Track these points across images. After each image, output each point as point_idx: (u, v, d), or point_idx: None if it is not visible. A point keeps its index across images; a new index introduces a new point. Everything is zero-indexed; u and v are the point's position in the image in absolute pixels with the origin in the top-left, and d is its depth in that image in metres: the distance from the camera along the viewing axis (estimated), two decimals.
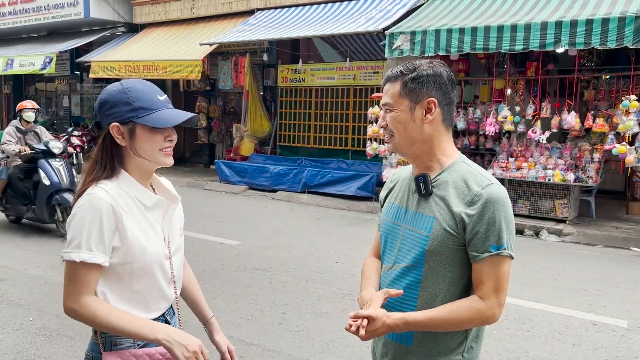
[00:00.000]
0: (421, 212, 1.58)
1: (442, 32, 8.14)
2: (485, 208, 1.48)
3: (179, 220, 1.76)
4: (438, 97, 1.56)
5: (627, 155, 7.25)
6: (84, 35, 15.51)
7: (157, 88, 1.62)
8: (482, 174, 1.55)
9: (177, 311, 1.78)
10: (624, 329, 4.29)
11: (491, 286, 1.50)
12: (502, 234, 1.49)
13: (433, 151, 1.59)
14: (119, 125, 1.55)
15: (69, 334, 4.00)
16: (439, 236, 1.53)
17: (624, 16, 6.85)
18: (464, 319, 1.50)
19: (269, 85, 13.13)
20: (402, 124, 1.58)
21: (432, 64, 1.59)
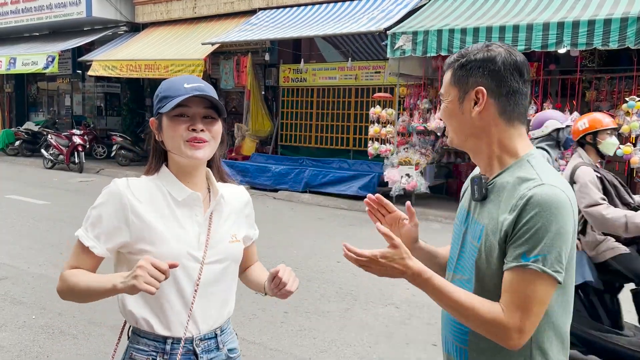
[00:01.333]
0: (476, 218, 1.37)
1: (444, 32, 8.15)
2: (524, 210, 1.22)
3: (234, 227, 1.60)
4: (489, 86, 1.32)
5: (632, 156, 7.26)
6: (86, 34, 15.54)
7: (192, 77, 1.51)
8: (540, 175, 1.27)
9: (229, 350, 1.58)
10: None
11: (515, 301, 1.22)
12: (540, 244, 1.20)
13: (491, 148, 1.36)
14: (154, 120, 1.53)
15: (72, 332, 4.02)
16: (487, 248, 1.30)
17: (626, 17, 6.86)
18: (480, 316, 1.24)
19: (271, 85, 13.15)
20: (451, 116, 1.39)
21: (489, 46, 1.35)
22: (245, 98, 12.45)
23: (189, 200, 1.52)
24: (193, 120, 1.47)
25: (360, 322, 4.33)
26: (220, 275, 1.54)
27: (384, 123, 9.74)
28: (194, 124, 1.46)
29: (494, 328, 1.24)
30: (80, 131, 14.28)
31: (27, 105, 19.92)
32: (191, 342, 1.50)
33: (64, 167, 14.03)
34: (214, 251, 1.52)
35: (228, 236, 1.57)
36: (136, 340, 1.51)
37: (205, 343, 1.53)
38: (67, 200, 9.80)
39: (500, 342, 1.25)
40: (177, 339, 1.48)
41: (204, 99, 1.46)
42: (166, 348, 1.48)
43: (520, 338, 1.23)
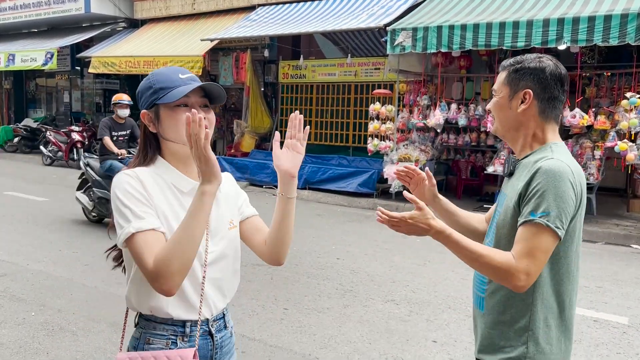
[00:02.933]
0: (503, 190, 1.72)
1: (444, 29, 8.13)
2: (534, 177, 1.53)
3: (228, 213, 1.63)
4: (536, 90, 1.62)
5: (628, 152, 7.25)
6: (84, 30, 15.50)
7: (183, 69, 1.56)
8: (554, 154, 1.58)
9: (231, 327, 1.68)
10: (625, 326, 4.30)
11: (523, 249, 1.50)
12: (544, 203, 1.49)
13: (527, 139, 1.67)
14: (147, 112, 1.53)
15: (72, 329, 4.01)
16: (505, 211, 1.62)
17: (626, 13, 6.84)
18: (494, 262, 1.50)
19: (270, 82, 13.13)
20: (500, 109, 1.69)
21: (541, 58, 1.65)
22: (245, 94, 12.42)
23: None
24: (193, 109, 1.47)
25: (360, 319, 4.33)
26: (223, 259, 1.59)
27: (383, 119, 9.72)
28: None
29: (505, 271, 1.49)
30: (79, 128, 14.26)
31: (25, 102, 19.88)
32: (207, 323, 1.57)
33: (62, 163, 14.01)
34: (215, 239, 1.56)
35: (226, 223, 1.61)
36: (152, 326, 1.53)
37: (217, 323, 1.61)
38: (66, 196, 9.77)
39: (510, 283, 1.50)
40: (194, 321, 1.53)
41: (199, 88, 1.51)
42: (186, 331, 1.53)
43: (527, 280, 1.49)
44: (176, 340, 1.51)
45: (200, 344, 1.55)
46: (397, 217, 1.56)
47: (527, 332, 1.58)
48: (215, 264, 1.56)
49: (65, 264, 5.60)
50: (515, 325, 1.60)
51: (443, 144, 10.05)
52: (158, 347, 1.51)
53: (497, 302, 1.63)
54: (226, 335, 1.64)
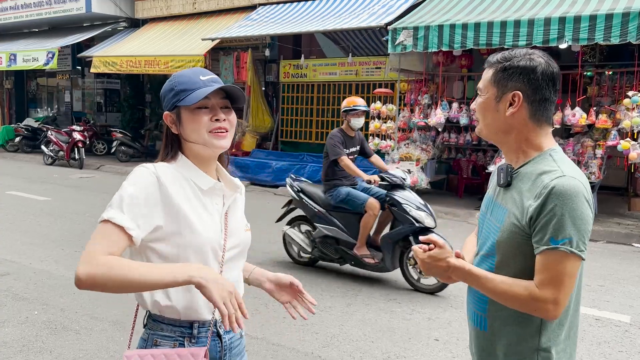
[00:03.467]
0: (500, 202, 1.57)
1: (445, 28, 8.13)
2: (548, 200, 1.40)
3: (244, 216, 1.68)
4: (526, 92, 1.49)
5: (630, 151, 7.25)
6: (85, 30, 15.51)
7: (204, 70, 1.55)
8: (560, 167, 1.46)
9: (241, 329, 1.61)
10: (627, 324, 4.31)
11: (547, 278, 1.41)
12: (565, 228, 1.38)
13: (518, 143, 1.54)
14: (169, 114, 1.54)
15: (75, 328, 4.02)
16: (508, 228, 1.49)
17: (627, 12, 6.84)
18: (517, 294, 1.43)
19: (271, 81, 13.13)
20: (485, 111, 1.57)
21: (531, 55, 1.51)
22: (246, 94, 12.37)
23: (213, 190, 1.56)
24: (214, 111, 1.52)
25: (363, 318, 4.33)
26: (236, 261, 1.61)
27: (384, 119, 9.72)
28: (216, 115, 1.51)
29: (532, 304, 1.42)
30: (80, 127, 14.27)
31: (27, 102, 19.90)
32: (215, 325, 1.56)
33: (64, 163, 14.03)
34: (232, 239, 1.57)
35: (243, 225, 1.64)
36: (159, 327, 1.53)
37: None
38: (68, 196, 9.80)
39: (540, 315, 1.44)
40: (202, 322, 1.53)
41: (220, 89, 1.51)
42: (193, 332, 1.52)
43: (556, 309, 1.42)
44: (183, 342, 1.51)
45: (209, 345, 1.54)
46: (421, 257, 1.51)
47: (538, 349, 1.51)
48: (230, 263, 1.57)
49: (67, 263, 5.61)
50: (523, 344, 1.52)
51: (444, 143, 10.05)
52: (166, 346, 1.51)
53: (502, 321, 1.55)
54: (235, 337, 1.63)
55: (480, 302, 1.59)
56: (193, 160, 1.56)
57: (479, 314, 1.61)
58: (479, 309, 1.61)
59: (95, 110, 17.62)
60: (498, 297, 1.47)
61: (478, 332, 1.63)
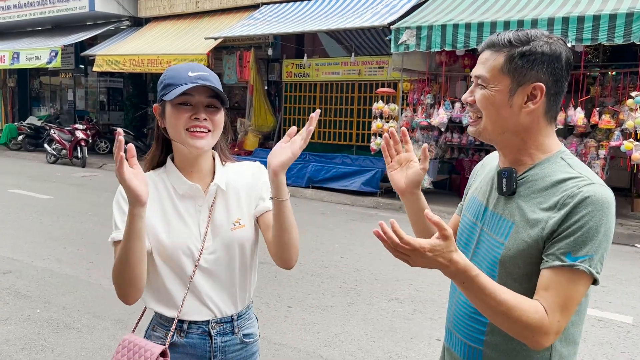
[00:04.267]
0: (500, 214, 1.30)
1: (448, 27, 8.12)
2: (576, 209, 1.17)
3: (239, 211, 1.58)
4: (548, 84, 1.24)
5: (633, 152, 7.23)
6: (88, 29, 15.53)
7: (197, 65, 1.51)
8: (583, 173, 1.23)
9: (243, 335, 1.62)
10: (630, 325, 4.29)
11: (557, 301, 1.17)
12: (588, 243, 1.16)
13: (526, 144, 1.29)
14: (157, 106, 1.54)
15: (77, 326, 4.03)
16: (515, 246, 1.24)
17: (631, 12, 6.82)
18: (527, 319, 1.15)
19: (274, 80, 13.13)
20: (495, 106, 1.26)
21: (551, 39, 1.25)
22: (248, 93, 12.43)
23: (190, 193, 1.55)
24: (196, 109, 1.48)
25: (364, 317, 4.33)
26: (224, 260, 1.56)
27: (387, 118, 9.71)
28: (196, 113, 1.47)
29: (536, 330, 1.16)
30: (83, 126, 14.30)
31: (30, 100, 19.94)
32: (207, 324, 1.56)
33: (66, 161, 14.05)
34: (216, 240, 1.55)
35: (229, 223, 1.56)
36: (159, 315, 1.60)
37: (221, 326, 1.58)
38: (70, 194, 9.82)
39: (535, 343, 1.18)
40: (191, 321, 1.56)
41: (208, 87, 1.47)
42: (183, 327, 1.56)
43: (554, 338, 1.18)
44: (174, 334, 1.56)
45: (197, 342, 1.56)
46: (412, 245, 1.10)
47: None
48: (216, 265, 1.55)
49: (69, 262, 5.62)
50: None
51: (447, 142, 10.03)
52: (158, 335, 1.58)
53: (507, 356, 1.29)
54: (232, 341, 1.59)
55: (476, 332, 1.33)
56: (180, 158, 1.56)
57: (473, 347, 1.34)
58: (473, 340, 1.34)
59: (98, 109, 17.64)
60: (498, 314, 1.17)
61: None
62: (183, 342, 1.55)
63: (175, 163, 1.57)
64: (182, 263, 1.51)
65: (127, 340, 1.54)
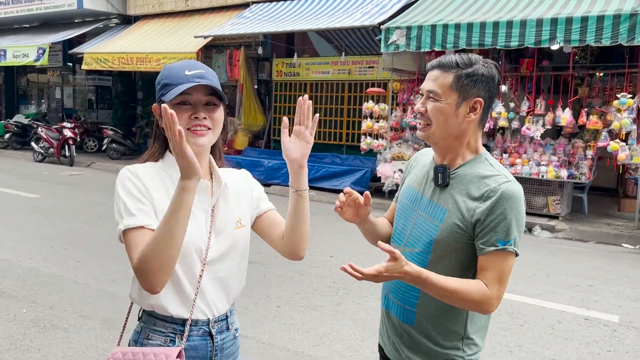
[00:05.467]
0: (435, 201, 1.61)
1: (437, 28, 8.14)
2: (497, 203, 1.50)
3: (238, 212, 1.60)
4: (485, 99, 1.56)
5: (619, 152, 7.31)
6: (77, 26, 15.39)
7: (194, 63, 1.51)
8: (501, 172, 1.57)
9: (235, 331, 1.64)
10: (616, 324, 4.33)
11: (495, 276, 1.51)
12: (511, 230, 1.50)
13: (462, 146, 1.61)
14: (156, 106, 1.50)
15: (63, 326, 3.99)
16: (448, 228, 1.56)
17: (619, 14, 6.88)
18: (472, 297, 1.49)
19: (264, 79, 13.11)
20: (444, 116, 1.56)
21: (487, 63, 1.58)
22: (238, 92, 12.39)
23: (199, 189, 1.51)
24: (195, 107, 1.47)
25: (353, 316, 4.33)
26: (227, 258, 1.57)
27: (377, 118, 9.73)
28: (196, 112, 1.46)
29: (481, 302, 1.50)
30: (70, 124, 14.16)
31: (17, 98, 19.73)
32: (207, 324, 1.56)
33: (54, 160, 13.92)
34: (220, 238, 1.54)
35: (233, 222, 1.58)
36: (153, 322, 1.53)
37: (219, 324, 1.59)
38: (58, 193, 9.73)
39: (483, 310, 1.52)
40: (194, 320, 1.53)
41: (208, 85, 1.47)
42: (185, 329, 1.52)
43: (498, 304, 1.53)
44: (174, 338, 1.51)
45: (199, 344, 1.54)
46: (372, 274, 1.43)
47: (464, 337, 1.62)
48: (218, 263, 1.55)
49: (56, 261, 5.56)
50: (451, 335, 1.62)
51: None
52: (156, 344, 1.51)
53: (432, 314, 1.62)
54: (228, 338, 1.61)
55: (411, 297, 1.64)
56: None
57: (407, 309, 1.66)
58: (407, 304, 1.65)
59: (87, 107, 17.50)
60: (449, 298, 1.50)
61: (402, 326, 1.68)
62: (185, 347, 1.51)
63: None
64: (192, 261, 1.48)
65: (119, 352, 1.46)
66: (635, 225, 7.57)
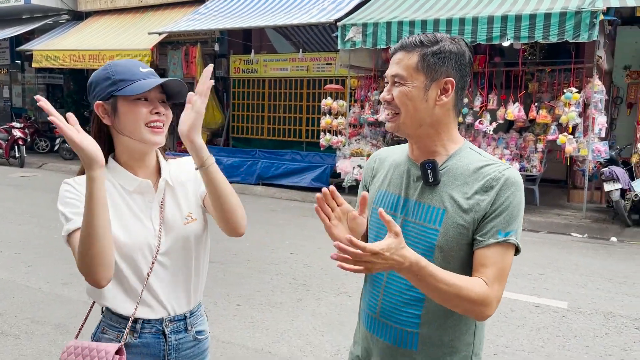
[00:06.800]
0: (427, 202, 1.39)
1: (393, 25, 8.25)
2: (502, 191, 1.32)
3: (185, 205, 1.58)
4: (456, 79, 1.37)
5: (566, 145, 7.60)
6: (25, 22, 14.83)
7: (141, 62, 1.54)
8: (494, 160, 1.40)
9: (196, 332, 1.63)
10: (565, 310, 4.52)
11: (495, 273, 1.31)
12: (514, 219, 1.32)
13: (440, 136, 1.40)
14: (102, 103, 1.48)
15: (14, 332, 3.86)
16: (451, 230, 1.35)
17: (564, 11, 7.14)
18: (472, 296, 1.27)
19: (221, 76, 12.96)
20: (412, 101, 1.36)
21: (454, 40, 1.39)
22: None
23: (140, 189, 1.54)
24: (154, 103, 1.49)
25: (313, 312, 4.36)
26: (179, 256, 1.56)
27: (335, 115, 9.78)
28: (156, 108, 1.49)
29: (481, 302, 1.28)
30: (20, 124, 13.67)
31: None
32: (161, 323, 1.56)
33: (3, 161, 13.39)
34: (170, 235, 1.54)
35: (182, 218, 1.57)
36: (109, 316, 1.56)
37: (175, 324, 1.58)
38: (7, 195, 9.38)
39: (481, 314, 1.30)
40: (145, 319, 1.54)
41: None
42: (136, 327, 1.54)
43: (497, 307, 1.32)
44: (128, 332, 1.53)
45: (151, 341, 1.55)
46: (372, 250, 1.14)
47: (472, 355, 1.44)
48: (170, 260, 1.55)
49: (6, 265, 5.37)
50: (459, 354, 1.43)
51: (394, 138, 10.20)
52: (109, 338, 1.54)
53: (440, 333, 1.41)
54: (186, 339, 1.60)
55: (411, 316, 1.41)
56: (125, 155, 1.54)
57: (406, 331, 1.42)
58: (407, 325, 1.42)
59: (37, 106, 16.89)
60: (451, 296, 1.26)
61: (399, 351, 1.44)
62: (136, 343, 1.53)
63: (119, 160, 1.55)
64: (139, 261, 1.49)
65: (72, 346, 1.49)
66: (583, 215, 7.89)
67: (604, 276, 5.45)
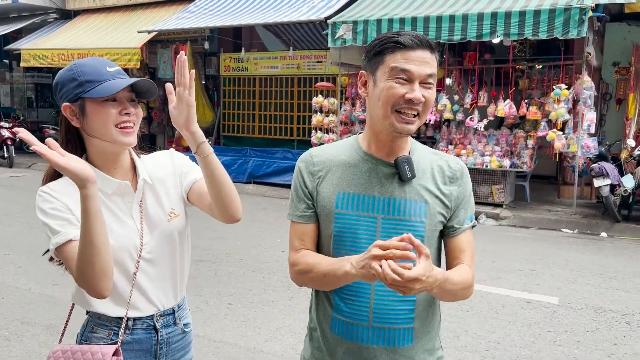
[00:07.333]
0: (407, 198, 1.40)
1: (383, 22, 8.25)
2: (463, 181, 1.46)
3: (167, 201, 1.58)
4: None
5: (556, 141, 7.64)
6: (12, 21, 14.69)
7: (107, 61, 1.49)
8: (439, 152, 1.53)
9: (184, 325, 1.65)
10: (555, 306, 4.54)
11: (470, 256, 1.46)
12: (472, 205, 1.49)
13: None
14: (69, 105, 1.45)
15: (3, 334, 3.83)
16: (434, 220, 1.42)
17: (554, 8, 7.17)
18: (468, 285, 1.40)
19: (212, 74, 12.91)
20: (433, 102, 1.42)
21: None
22: None
23: (119, 191, 1.52)
24: (123, 104, 1.46)
25: (305, 310, 4.35)
26: (163, 252, 1.57)
27: (326, 112, 9.78)
28: (126, 108, 1.46)
29: (471, 286, 1.43)
30: (8, 124, 13.53)
31: None
32: (152, 319, 1.57)
33: None
34: (154, 233, 1.54)
35: (165, 214, 1.57)
36: (97, 315, 1.54)
37: (164, 319, 1.60)
38: None
39: (469, 295, 1.43)
40: (137, 317, 1.55)
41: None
42: (128, 324, 1.54)
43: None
44: (118, 332, 1.52)
45: (143, 337, 1.56)
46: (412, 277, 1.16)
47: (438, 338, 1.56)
48: (155, 258, 1.55)
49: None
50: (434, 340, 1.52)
51: None
52: (100, 337, 1.52)
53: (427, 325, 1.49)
54: (175, 332, 1.62)
55: (407, 312, 1.44)
56: (97, 157, 1.50)
57: (404, 328, 1.43)
58: (403, 322, 1.43)
59: (26, 106, 16.75)
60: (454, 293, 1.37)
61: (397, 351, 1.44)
62: (128, 339, 1.53)
63: (92, 162, 1.51)
64: (126, 262, 1.49)
65: (59, 351, 1.46)
66: (573, 210, 7.94)
67: (594, 271, 5.49)
